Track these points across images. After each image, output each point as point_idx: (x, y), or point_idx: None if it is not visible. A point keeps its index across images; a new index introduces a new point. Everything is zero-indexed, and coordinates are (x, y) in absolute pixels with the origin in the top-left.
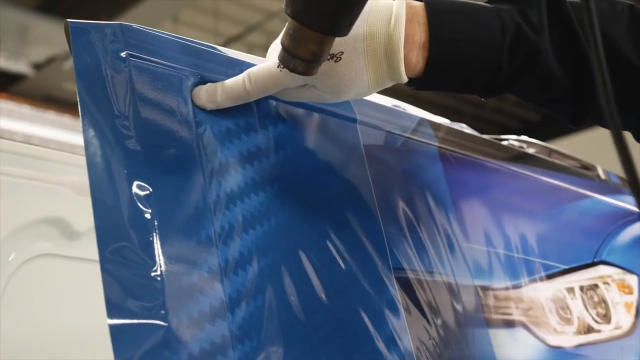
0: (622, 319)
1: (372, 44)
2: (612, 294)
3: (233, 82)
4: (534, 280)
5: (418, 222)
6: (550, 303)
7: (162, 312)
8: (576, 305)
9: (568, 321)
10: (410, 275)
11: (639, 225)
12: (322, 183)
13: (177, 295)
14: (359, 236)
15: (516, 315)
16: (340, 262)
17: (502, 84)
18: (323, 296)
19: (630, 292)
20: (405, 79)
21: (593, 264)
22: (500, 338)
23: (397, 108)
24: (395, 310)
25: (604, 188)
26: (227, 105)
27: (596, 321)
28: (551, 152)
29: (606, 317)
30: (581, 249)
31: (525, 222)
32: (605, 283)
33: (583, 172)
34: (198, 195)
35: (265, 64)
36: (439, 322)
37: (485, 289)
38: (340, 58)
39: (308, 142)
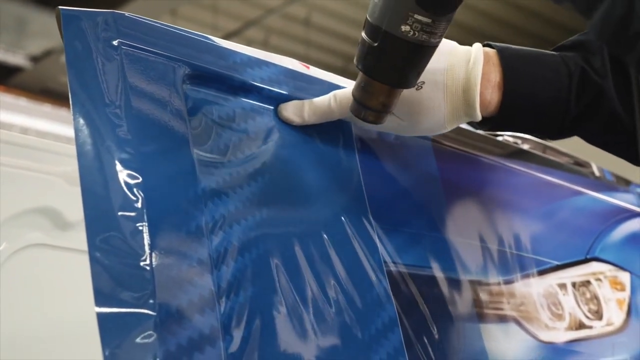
0: (614, 316)
1: (452, 77)
2: (604, 291)
3: (320, 100)
4: (526, 276)
5: (410, 217)
6: (542, 299)
7: (151, 301)
8: (568, 301)
9: (559, 317)
10: (402, 269)
11: (632, 222)
12: (313, 176)
13: (166, 285)
14: (349, 229)
15: (508, 311)
16: (331, 255)
17: (569, 126)
18: (313, 288)
19: (622, 289)
20: (479, 115)
21: (586, 261)
22: (491, 333)
23: None
24: (386, 304)
25: (598, 185)
26: (312, 122)
27: (588, 317)
28: (546, 148)
29: (598, 314)
30: (574, 246)
31: (519, 218)
32: (598, 280)
33: (577, 169)
34: (188, 185)
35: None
36: (430, 316)
37: (477, 284)
38: (422, 87)
39: (300, 134)
